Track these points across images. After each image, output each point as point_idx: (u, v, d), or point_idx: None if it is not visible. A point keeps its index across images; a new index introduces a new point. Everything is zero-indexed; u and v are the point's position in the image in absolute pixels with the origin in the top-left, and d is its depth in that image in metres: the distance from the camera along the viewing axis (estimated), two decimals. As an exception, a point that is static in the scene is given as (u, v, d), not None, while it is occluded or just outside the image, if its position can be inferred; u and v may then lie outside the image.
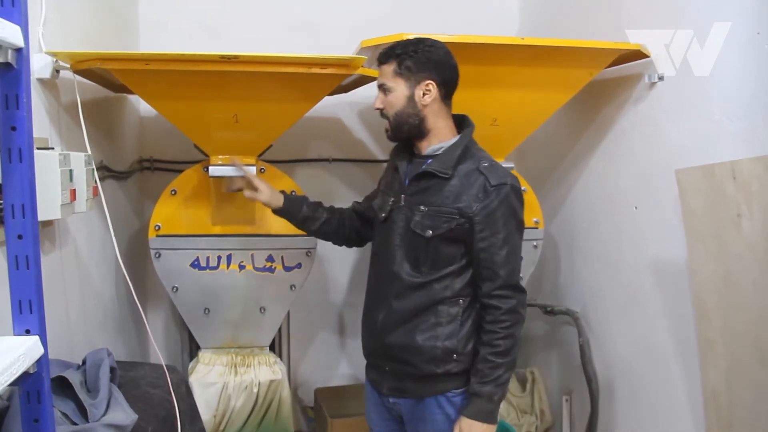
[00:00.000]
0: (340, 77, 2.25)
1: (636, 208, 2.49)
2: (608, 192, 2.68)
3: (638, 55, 2.40)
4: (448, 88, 1.95)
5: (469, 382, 1.93)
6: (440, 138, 1.97)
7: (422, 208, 1.93)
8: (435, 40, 1.96)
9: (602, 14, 2.73)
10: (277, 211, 2.23)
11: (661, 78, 2.34)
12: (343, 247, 2.40)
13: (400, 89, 1.93)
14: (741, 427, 1.97)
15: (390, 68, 1.93)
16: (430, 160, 1.96)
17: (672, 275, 2.29)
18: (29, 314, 1.24)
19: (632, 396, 2.56)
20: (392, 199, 2.03)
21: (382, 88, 1.95)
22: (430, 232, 1.91)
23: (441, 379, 1.96)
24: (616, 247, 2.64)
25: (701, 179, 2.04)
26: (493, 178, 1.88)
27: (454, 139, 1.97)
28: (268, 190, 2.20)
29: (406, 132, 1.97)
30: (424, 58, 1.91)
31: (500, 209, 1.88)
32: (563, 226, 3.02)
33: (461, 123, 2.02)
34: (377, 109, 1.99)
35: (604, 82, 2.64)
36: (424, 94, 1.92)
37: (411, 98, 1.92)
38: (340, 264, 3.56)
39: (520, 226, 1.94)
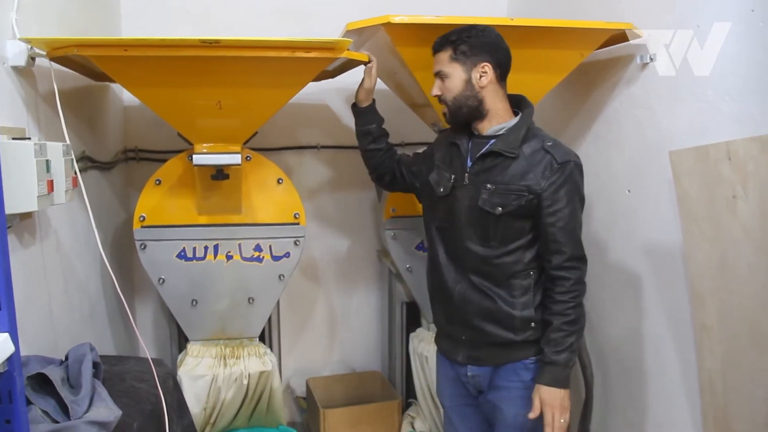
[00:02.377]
0: (326, 61, 2.19)
1: (629, 191, 2.45)
2: (601, 175, 2.64)
3: (629, 36, 2.35)
4: (502, 70, 2.06)
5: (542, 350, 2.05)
6: (500, 119, 2.08)
7: (489, 186, 2.03)
8: (485, 25, 2.06)
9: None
10: (354, 108, 2.47)
11: (652, 58, 2.30)
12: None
13: (456, 74, 2.04)
14: (737, 413, 1.94)
15: (446, 55, 2.05)
16: (492, 141, 2.07)
17: (666, 259, 2.26)
18: (-3, 310, 1.18)
19: (627, 382, 2.53)
20: (453, 176, 2.12)
21: (439, 75, 2.07)
22: (500, 209, 2.01)
23: (519, 347, 2.08)
24: (609, 231, 2.60)
25: (695, 161, 2.00)
26: (559, 156, 2.00)
27: (514, 120, 2.09)
28: (371, 86, 2.38)
29: (465, 114, 2.08)
30: (478, 42, 2.02)
31: (566, 185, 1.99)
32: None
33: (518, 103, 2.13)
34: (435, 95, 2.10)
35: (595, 63, 2.60)
36: (480, 76, 2.03)
37: (468, 81, 2.04)
38: (330, 253, 3.53)
39: (582, 201, 2.07)
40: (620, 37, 2.39)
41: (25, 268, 1.86)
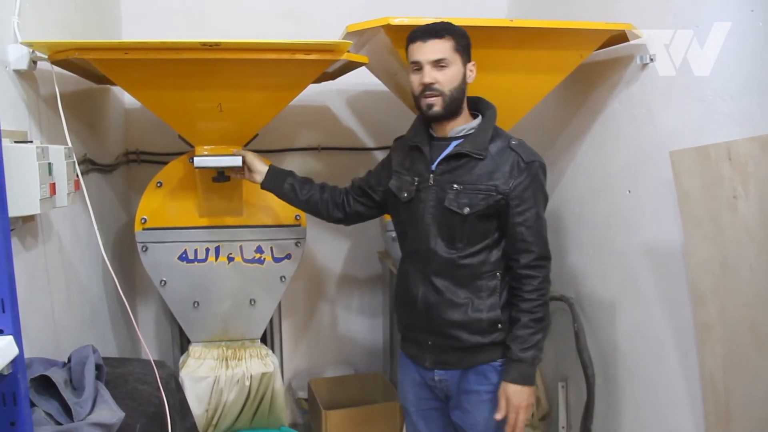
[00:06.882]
0: (325, 63, 2.20)
1: (629, 191, 2.45)
2: (601, 176, 2.64)
3: (629, 36, 2.35)
4: None
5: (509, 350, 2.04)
6: (463, 120, 2.07)
7: (455, 186, 2.01)
8: None
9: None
10: (263, 186, 2.35)
11: (652, 59, 2.30)
12: (336, 223, 2.48)
13: (457, 65, 1.99)
14: (739, 412, 1.94)
15: (448, 44, 1.97)
16: (455, 142, 2.04)
17: (667, 259, 2.26)
18: (2, 313, 1.18)
19: (629, 382, 2.53)
20: (416, 179, 2.09)
21: (439, 63, 1.96)
22: (468, 209, 1.99)
23: (487, 349, 2.07)
24: (609, 231, 2.60)
25: (696, 161, 2.00)
26: (525, 156, 2.01)
27: (476, 121, 2.08)
28: (262, 170, 2.33)
29: (454, 108, 2.03)
30: (467, 41, 2.02)
31: (532, 185, 2.01)
32: (555, 211, 2.98)
33: (476, 105, 2.11)
34: (428, 84, 1.97)
35: (594, 64, 2.60)
36: (470, 73, 2.03)
37: (464, 75, 2.01)
38: (331, 253, 3.53)
39: (546, 200, 2.09)
40: (620, 37, 2.39)
41: (27, 270, 1.87)
